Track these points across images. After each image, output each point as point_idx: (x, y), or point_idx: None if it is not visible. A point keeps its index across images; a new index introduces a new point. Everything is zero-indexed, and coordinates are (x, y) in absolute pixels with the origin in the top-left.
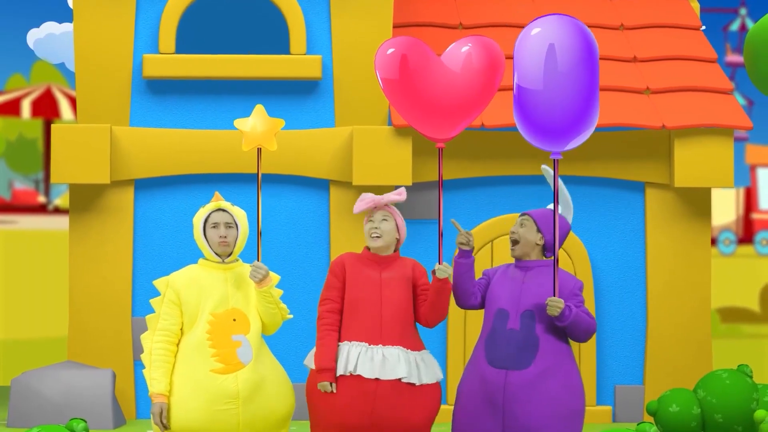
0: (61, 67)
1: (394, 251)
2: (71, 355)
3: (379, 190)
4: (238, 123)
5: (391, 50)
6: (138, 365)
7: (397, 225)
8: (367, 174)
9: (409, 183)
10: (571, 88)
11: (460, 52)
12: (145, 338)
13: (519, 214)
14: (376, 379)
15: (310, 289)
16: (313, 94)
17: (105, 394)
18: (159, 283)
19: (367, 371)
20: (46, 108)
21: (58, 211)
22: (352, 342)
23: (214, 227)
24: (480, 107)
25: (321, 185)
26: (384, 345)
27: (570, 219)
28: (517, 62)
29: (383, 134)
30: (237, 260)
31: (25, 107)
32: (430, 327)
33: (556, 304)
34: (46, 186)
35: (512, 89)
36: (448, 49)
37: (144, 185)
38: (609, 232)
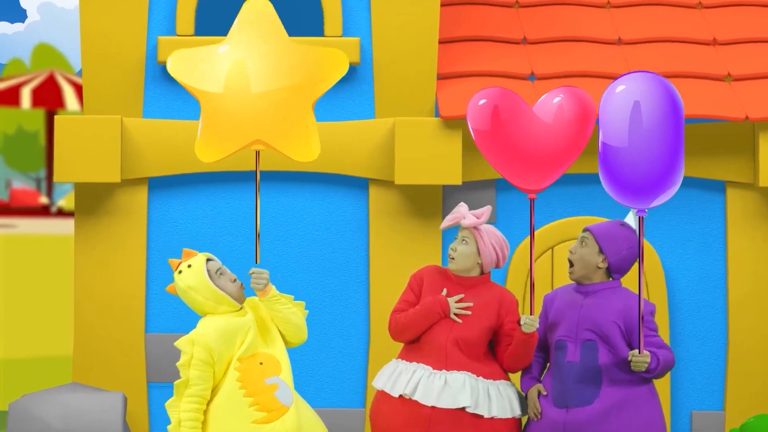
0: (66, 51)
1: (482, 274)
2: (77, 376)
3: (425, 189)
4: None
5: (482, 101)
6: (152, 387)
7: (478, 249)
8: (411, 172)
9: (459, 182)
10: (657, 145)
11: (551, 103)
12: (171, 406)
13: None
14: (433, 406)
15: (346, 301)
16: (350, 81)
17: (115, 420)
18: (182, 344)
19: (424, 397)
20: (49, 97)
21: (62, 213)
22: (418, 364)
23: (222, 274)
24: (572, 158)
25: (359, 184)
26: (448, 370)
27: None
28: (602, 119)
29: (429, 126)
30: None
31: (25, 96)
32: (511, 372)
33: (641, 360)
34: (49, 185)
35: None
36: (539, 100)
37: (159, 184)
38: (685, 238)
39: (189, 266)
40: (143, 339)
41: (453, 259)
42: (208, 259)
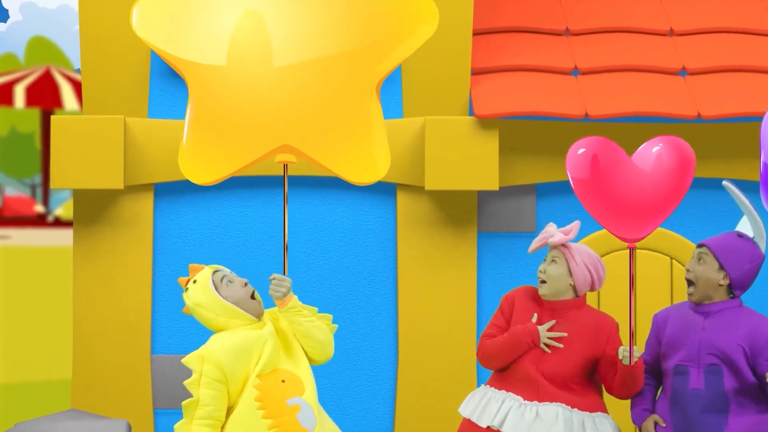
0: (63, 44)
1: (577, 296)
2: (76, 401)
3: (458, 196)
4: None
5: (582, 150)
6: (159, 414)
7: (569, 269)
8: (442, 176)
9: (496, 187)
10: None
11: (650, 152)
12: (181, 430)
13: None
14: None
15: (372, 317)
16: None
17: None
18: (190, 360)
19: (513, 429)
20: (45, 95)
21: (59, 223)
22: (508, 393)
23: (230, 282)
24: (671, 207)
25: (386, 190)
26: (540, 401)
27: (763, 247)
28: (763, 139)
29: (463, 126)
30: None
31: (19, 94)
32: (624, 400)
33: None
34: (45, 192)
35: (600, 72)
36: (639, 149)
37: (166, 191)
38: None
39: (194, 282)
40: (149, 361)
41: (544, 282)
42: (215, 271)
